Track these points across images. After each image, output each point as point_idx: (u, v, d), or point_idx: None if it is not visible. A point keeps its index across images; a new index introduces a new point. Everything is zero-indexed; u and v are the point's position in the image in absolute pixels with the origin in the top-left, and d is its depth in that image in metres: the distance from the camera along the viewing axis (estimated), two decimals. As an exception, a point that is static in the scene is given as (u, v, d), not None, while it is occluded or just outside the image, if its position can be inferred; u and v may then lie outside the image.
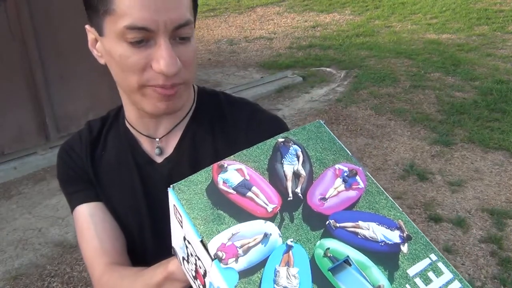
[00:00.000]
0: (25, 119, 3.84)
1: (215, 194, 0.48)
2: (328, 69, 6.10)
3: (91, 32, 0.74)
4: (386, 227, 0.47)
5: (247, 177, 0.50)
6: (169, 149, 0.84)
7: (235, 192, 0.49)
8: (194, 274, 0.50)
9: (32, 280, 2.60)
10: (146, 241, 0.85)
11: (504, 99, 4.81)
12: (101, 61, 0.76)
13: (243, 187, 0.49)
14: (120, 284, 0.75)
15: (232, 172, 0.50)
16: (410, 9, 8.95)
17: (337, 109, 4.81)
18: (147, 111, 0.74)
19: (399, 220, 0.48)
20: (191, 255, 0.49)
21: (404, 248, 0.46)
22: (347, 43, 7.18)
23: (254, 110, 0.85)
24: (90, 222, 0.82)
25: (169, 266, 0.65)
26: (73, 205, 0.85)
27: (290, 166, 0.52)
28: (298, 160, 0.52)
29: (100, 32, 0.70)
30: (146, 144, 0.85)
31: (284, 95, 5.27)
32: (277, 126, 0.83)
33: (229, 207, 0.47)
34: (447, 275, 0.45)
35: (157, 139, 0.84)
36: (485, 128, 4.25)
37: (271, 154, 0.52)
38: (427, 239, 0.48)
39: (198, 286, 0.50)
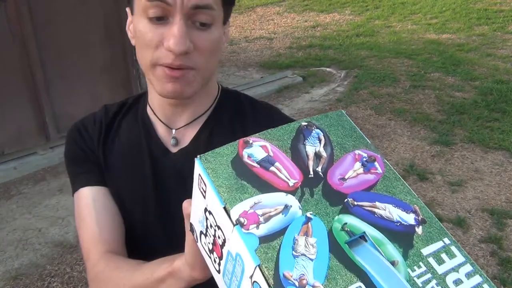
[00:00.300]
0: (25, 119, 3.84)
1: (239, 166, 0.50)
2: (328, 69, 6.10)
3: (129, 14, 0.78)
4: (402, 210, 0.49)
5: (271, 154, 0.52)
6: (185, 141, 0.84)
7: (258, 166, 0.50)
8: (211, 248, 0.52)
9: (32, 280, 2.60)
10: (148, 228, 0.84)
11: (504, 99, 4.81)
12: (133, 42, 0.79)
13: (267, 162, 0.51)
14: (117, 275, 0.74)
15: (257, 148, 0.52)
16: (410, 9, 8.96)
17: (337, 109, 4.79)
18: (158, 93, 0.76)
19: (415, 205, 0.50)
20: (211, 226, 0.50)
21: (419, 230, 0.48)
22: (347, 43, 7.18)
23: (274, 113, 0.88)
24: (92, 208, 0.81)
25: (175, 262, 0.64)
26: (76, 187, 0.84)
27: (312, 147, 0.53)
28: (320, 142, 0.54)
29: (132, 11, 0.75)
30: (162, 133, 0.85)
31: (284, 95, 5.27)
32: None
33: (252, 179, 0.49)
34: (460, 258, 0.47)
35: (174, 130, 0.84)
36: (485, 128, 4.25)
37: (294, 135, 0.54)
38: (441, 225, 0.49)
39: (214, 259, 0.51)
